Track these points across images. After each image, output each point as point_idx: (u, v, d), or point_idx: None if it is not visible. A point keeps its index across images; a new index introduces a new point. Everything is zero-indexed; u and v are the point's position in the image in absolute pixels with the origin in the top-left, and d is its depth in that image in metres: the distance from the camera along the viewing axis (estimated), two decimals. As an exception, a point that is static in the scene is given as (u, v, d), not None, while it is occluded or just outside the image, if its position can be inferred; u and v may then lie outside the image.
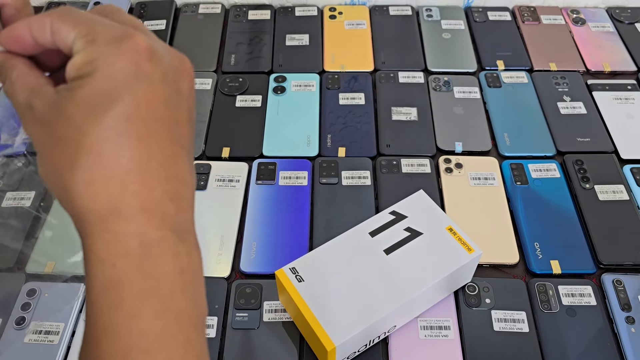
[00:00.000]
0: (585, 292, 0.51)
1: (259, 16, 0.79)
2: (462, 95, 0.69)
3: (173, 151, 0.24)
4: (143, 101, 0.23)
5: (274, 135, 0.65)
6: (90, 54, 0.23)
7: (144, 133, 0.23)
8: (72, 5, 0.79)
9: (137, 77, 0.23)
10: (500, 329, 0.49)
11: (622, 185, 0.59)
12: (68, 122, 0.22)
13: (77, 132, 0.22)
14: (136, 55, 0.23)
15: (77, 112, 0.22)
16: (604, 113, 0.67)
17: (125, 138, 0.22)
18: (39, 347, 0.48)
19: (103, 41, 0.23)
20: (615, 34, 0.77)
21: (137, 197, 0.23)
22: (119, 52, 0.23)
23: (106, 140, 0.22)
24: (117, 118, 0.22)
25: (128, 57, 0.23)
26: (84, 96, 0.22)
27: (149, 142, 0.23)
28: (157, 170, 0.23)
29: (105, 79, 0.22)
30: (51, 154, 0.23)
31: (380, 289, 0.46)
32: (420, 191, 0.53)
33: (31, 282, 0.52)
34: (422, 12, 0.79)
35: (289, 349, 0.48)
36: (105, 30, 0.23)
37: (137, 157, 0.23)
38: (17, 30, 0.25)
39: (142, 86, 0.23)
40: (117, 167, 0.22)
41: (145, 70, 0.23)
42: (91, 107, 0.22)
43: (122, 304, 0.23)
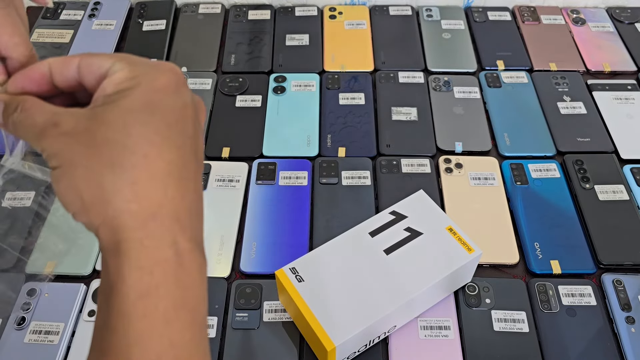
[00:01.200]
0: (585, 292, 0.51)
1: (259, 16, 0.79)
2: (462, 95, 0.69)
3: (196, 167, 0.25)
4: (180, 115, 0.24)
5: (274, 135, 0.65)
6: (133, 72, 0.24)
7: (180, 143, 0.24)
8: (72, 6, 0.80)
9: (177, 93, 0.25)
10: (500, 329, 0.49)
11: (622, 185, 0.59)
12: (110, 126, 0.23)
13: (120, 134, 0.23)
14: (175, 76, 0.25)
15: (120, 117, 0.23)
16: (604, 113, 0.67)
17: (167, 143, 0.23)
18: (39, 347, 0.48)
19: (143, 64, 0.25)
20: (615, 34, 0.77)
21: (173, 203, 0.23)
22: (161, 72, 0.25)
23: (150, 142, 0.23)
24: (160, 124, 0.24)
25: (168, 76, 0.25)
26: (128, 104, 0.23)
27: (184, 151, 0.24)
28: (188, 180, 0.24)
29: (149, 91, 0.24)
30: (86, 162, 0.23)
31: (380, 289, 0.45)
32: (420, 191, 0.52)
33: (31, 282, 0.52)
34: (422, 12, 0.79)
35: (289, 349, 0.48)
36: (141, 59, 0.25)
37: (176, 163, 0.24)
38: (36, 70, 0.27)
39: (180, 102, 0.25)
40: (159, 169, 0.23)
41: (182, 90, 0.25)
42: (136, 112, 0.23)
43: (158, 313, 0.23)
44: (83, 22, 0.78)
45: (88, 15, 0.78)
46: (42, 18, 0.78)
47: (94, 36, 0.76)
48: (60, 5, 0.80)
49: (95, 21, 0.78)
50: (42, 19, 0.78)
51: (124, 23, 0.78)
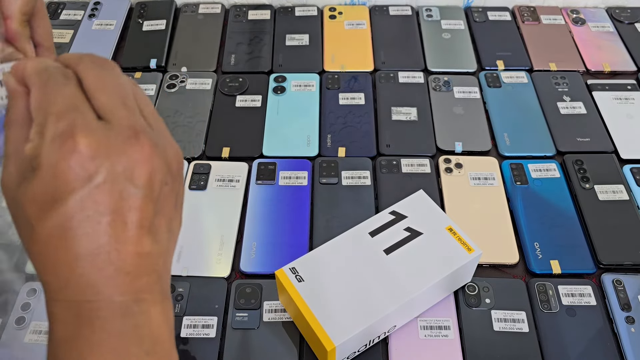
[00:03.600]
0: (585, 292, 0.51)
1: (259, 16, 0.79)
2: (462, 95, 0.69)
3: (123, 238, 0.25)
4: (88, 200, 0.24)
5: (273, 135, 0.65)
6: (36, 149, 0.24)
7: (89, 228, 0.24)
8: (72, 5, 0.80)
9: (79, 178, 0.23)
10: (500, 329, 0.49)
11: (622, 185, 0.59)
12: (20, 211, 0.24)
13: (27, 224, 0.24)
14: (78, 155, 0.23)
15: (27, 206, 0.24)
16: (604, 113, 0.67)
17: (71, 232, 0.24)
18: (39, 347, 0.48)
19: (49, 137, 0.23)
20: (615, 34, 0.77)
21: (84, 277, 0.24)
22: (61, 153, 0.23)
23: (51, 236, 0.24)
24: (62, 215, 0.23)
25: (69, 158, 0.23)
26: (33, 191, 0.24)
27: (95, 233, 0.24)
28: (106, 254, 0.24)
29: (49, 179, 0.23)
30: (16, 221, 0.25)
31: (380, 289, 0.46)
32: (420, 191, 0.53)
33: (31, 282, 0.52)
34: (422, 12, 0.79)
35: (289, 349, 0.48)
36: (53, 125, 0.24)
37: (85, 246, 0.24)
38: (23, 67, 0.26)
39: (86, 187, 0.23)
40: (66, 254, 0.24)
41: (88, 170, 0.23)
42: (38, 203, 0.24)
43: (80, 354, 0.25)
44: (83, 22, 0.78)
45: (88, 15, 0.79)
46: (42, 18, 0.78)
47: (94, 36, 0.76)
48: (60, 5, 0.80)
49: (95, 21, 0.78)
50: (42, 19, 0.78)
51: (124, 23, 0.78)
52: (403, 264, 0.47)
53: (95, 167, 0.23)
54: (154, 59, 0.73)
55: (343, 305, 0.44)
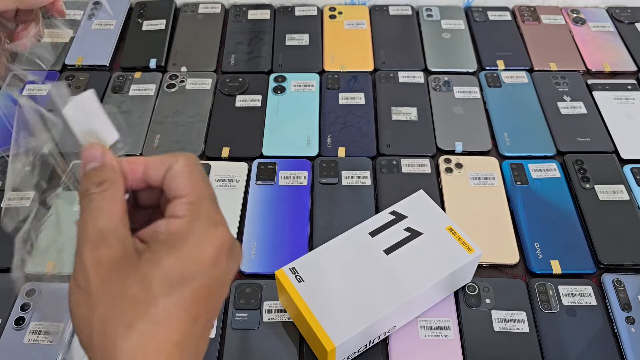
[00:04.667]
0: (586, 292, 0.51)
1: (258, 16, 0.79)
2: (462, 95, 0.69)
3: (208, 330, 0.26)
4: (210, 292, 0.25)
5: (273, 135, 0.65)
6: (187, 229, 0.25)
7: (198, 315, 0.25)
8: (72, 5, 0.79)
9: (216, 266, 0.25)
10: (500, 329, 0.49)
11: (622, 185, 0.59)
12: (143, 285, 0.24)
13: (149, 300, 0.24)
14: (221, 246, 0.26)
15: (156, 281, 0.24)
16: (604, 113, 0.67)
17: (185, 316, 0.24)
18: (39, 348, 0.48)
19: (203, 219, 0.25)
20: (615, 34, 0.76)
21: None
22: (210, 238, 0.25)
23: (170, 314, 0.24)
24: (187, 298, 0.24)
25: (215, 245, 0.25)
26: (167, 267, 0.24)
27: (200, 322, 0.25)
28: (194, 347, 0.25)
29: (191, 259, 0.25)
30: (108, 305, 0.24)
31: (380, 289, 0.45)
32: (420, 191, 0.52)
33: (31, 282, 0.52)
34: (422, 12, 0.79)
35: (289, 349, 0.48)
36: (208, 208, 0.26)
37: (189, 333, 0.25)
38: (133, 164, 0.28)
39: (215, 274, 0.25)
40: (170, 341, 0.24)
41: (221, 261, 0.26)
42: (170, 280, 0.24)
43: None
44: (83, 22, 0.78)
45: (88, 15, 0.78)
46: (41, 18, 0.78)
47: (93, 36, 0.76)
48: (59, 5, 0.80)
49: (95, 21, 0.78)
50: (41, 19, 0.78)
51: (124, 23, 0.78)
52: (403, 264, 0.47)
53: (226, 261, 0.26)
54: (153, 58, 0.73)
55: (343, 305, 0.44)
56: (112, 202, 0.26)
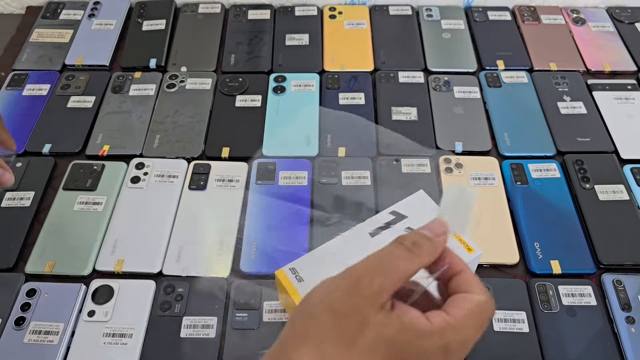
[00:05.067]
0: (586, 292, 0.51)
1: (258, 16, 0.79)
2: (462, 95, 0.69)
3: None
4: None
5: (273, 135, 0.65)
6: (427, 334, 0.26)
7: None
8: (72, 5, 0.79)
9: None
10: (500, 329, 0.49)
11: (622, 185, 0.59)
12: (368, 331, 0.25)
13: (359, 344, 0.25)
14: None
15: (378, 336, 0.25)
16: (604, 113, 0.67)
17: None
18: (39, 348, 0.48)
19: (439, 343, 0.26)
20: (615, 34, 0.76)
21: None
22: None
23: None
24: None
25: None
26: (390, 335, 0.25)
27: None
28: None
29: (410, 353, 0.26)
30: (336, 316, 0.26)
31: (380, 289, 0.45)
32: (420, 191, 0.52)
33: (31, 282, 0.52)
34: (422, 12, 0.79)
35: (288, 349, 0.48)
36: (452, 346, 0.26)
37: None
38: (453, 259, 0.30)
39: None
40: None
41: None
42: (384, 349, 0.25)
43: None
44: (83, 22, 0.78)
45: (88, 15, 0.78)
46: (41, 18, 0.78)
47: (93, 36, 0.76)
48: (59, 5, 0.80)
49: (95, 21, 0.78)
50: (41, 19, 0.78)
51: (124, 23, 0.78)
52: (403, 264, 0.47)
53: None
54: (153, 58, 0.73)
55: (343, 305, 0.44)
56: (407, 264, 0.28)
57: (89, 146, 0.64)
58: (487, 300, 0.28)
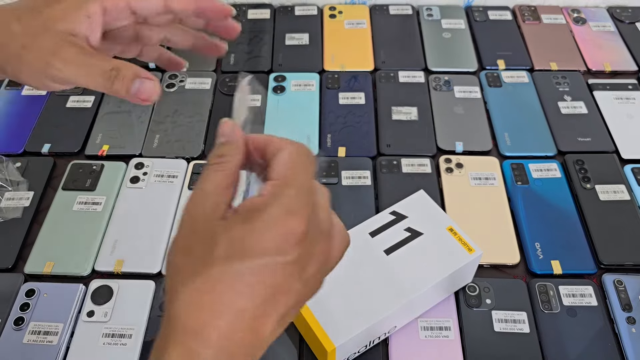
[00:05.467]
0: (586, 292, 0.51)
1: (258, 15, 0.79)
2: (462, 94, 0.69)
3: (268, 314, 0.26)
4: (276, 275, 0.26)
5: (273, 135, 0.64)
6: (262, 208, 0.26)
7: (260, 296, 0.26)
8: None
9: (279, 252, 0.26)
10: (500, 329, 0.49)
11: (623, 185, 0.59)
12: (208, 244, 0.26)
13: (208, 259, 0.25)
14: (286, 236, 0.26)
15: (220, 243, 0.25)
16: (605, 113, 0.67)
17: (244, 289, 0.25)
18: (38, 348, 0.48)
19: (280, 204, 0.26)
20: (616, 34, 0.76)
21: (220, 336, 0.25)
22: (278, 224, 0.26)
23: (225, 281, 0.25)
24: (245, 272, 0.25)
25: (280, 232, 0.26)
26: (234, 237, 0.26)
27: (263, 307, 0.26)
28: (246, 324, 0.26)
29: (255, 236, 0.25)
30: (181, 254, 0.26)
31: (381, 289, 0.45)
32: (420, 191, 0.52)
33: (30, 282, 0.52)
34: (422, 12, 0.79)
35: (289, 350, 0.48)
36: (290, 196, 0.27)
37: (243, 308, 0.25)
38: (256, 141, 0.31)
39: (279, 262, 0.26)
40: (226, 304, 0.25)
41: (287, 251, 0.26)
42: (233, 249, 0.25)
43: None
44: (82, 22, 0.77)
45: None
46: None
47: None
48: None
49: (95, 20, 0.77)
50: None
51: (124, 22, 0.78)
52: (403, 265, 0.47)
53: (293, 250, 0.26)
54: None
55: (343, 305, 0.44)
56: (223, 173, 0.28)
57: (88, 146, 0.64)
58: (297, 144, 0.30)
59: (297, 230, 0.26)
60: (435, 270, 0.47)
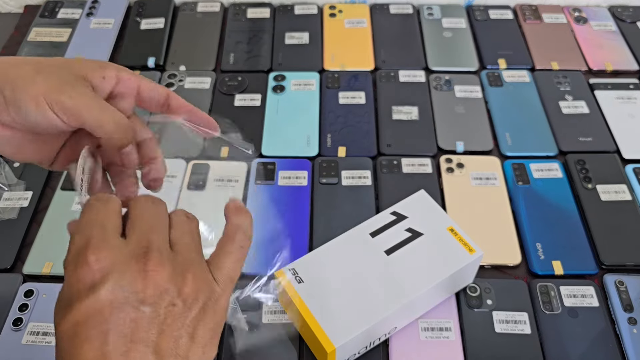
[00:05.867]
0: (587, 293, 0.51)
1: (258, 14, 0.79)
2: (463, 94, 0.69)
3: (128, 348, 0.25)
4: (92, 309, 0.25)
5: (273, 134, 0.64)
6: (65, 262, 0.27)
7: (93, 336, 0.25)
8: (70, 4, 0.79)
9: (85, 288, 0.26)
10: (501, 330, 0.49)
11: (625, 185, 0.59)
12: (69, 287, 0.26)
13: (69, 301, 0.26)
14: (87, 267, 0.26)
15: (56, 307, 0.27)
16: (606, 112, 0.67)
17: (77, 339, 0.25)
18: (37, 349, 0.48)
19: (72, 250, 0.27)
20: (617, 33, 0.76)
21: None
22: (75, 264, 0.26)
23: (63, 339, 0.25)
24: (70, 322, 0.25)
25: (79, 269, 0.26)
26: (61, 295, 0.27)
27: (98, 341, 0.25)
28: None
29: (66, 286, 0.26)
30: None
31: (381, 290, 0.45)
32: (421, 191, 0.52)
33: (29, 282, 0.52)
34: (423, 11, 0.79)
35: (288, 350, 0.48)
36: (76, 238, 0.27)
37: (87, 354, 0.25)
38: None
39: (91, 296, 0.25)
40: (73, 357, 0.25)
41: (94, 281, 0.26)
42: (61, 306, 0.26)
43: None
44: (81, 21, 0.77)
45: (86, 13, 0.78)
46: (39, 17, 0.78)
47: (92, 35, 0.76)
48: (58, 3, 0.79)
49: (94, 20, 0.77)
50: (40, 18, 0.78)
51: (122, 21, 0.78)
52: (404, 265, 0.47)
53: (101, 279, 0.26)
54: (152, 57, 0.72)
55: (343, 306, 0.44)
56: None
57: (87, 146, 0.63)
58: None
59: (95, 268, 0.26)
60: (436, 271, 0.46)
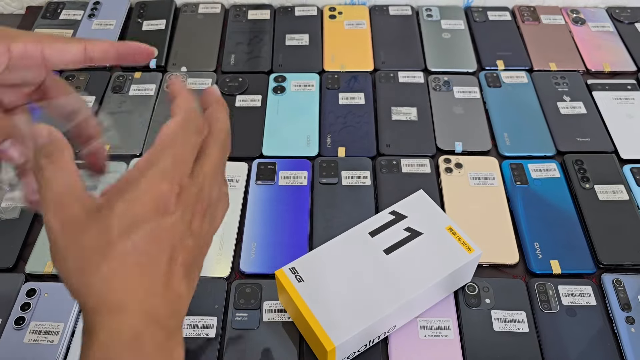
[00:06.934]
0: (585, 292, 0.51)
1: (258, 16, 0.79)
2: (462, 95, 0.69)
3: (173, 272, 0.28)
4: (160, 231, 0.27)
5: (273, 135, 0.65)
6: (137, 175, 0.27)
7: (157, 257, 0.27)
8: (72, 5, 0.79)
9: (160, 212, 0.27)
10: (500, 329, 0.49)
11: (622, 185, 0.59)
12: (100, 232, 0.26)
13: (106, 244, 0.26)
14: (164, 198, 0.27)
15: (111, 225, 0.26)
16: (604, 113, 0.67)
17: (145, 256, 0.26)
18: (39, 347, 0.48)
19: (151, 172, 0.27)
20: (615, 34, 0.76)
21: (140, 302, 0.26)
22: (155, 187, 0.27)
23: (132, 252, 0.26)
24: (144, 240, 0.26)
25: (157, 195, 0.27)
26: (120, 212, 0.26)
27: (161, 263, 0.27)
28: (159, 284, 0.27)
29: (137, 203, 0.26)
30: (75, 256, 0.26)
31: (380, 289, 0.45)
32: (420, 191, 0.52)
33: (31, 282, 0.52)
34: (422, 12, 0.79)
35: (288, 349, 0.48)
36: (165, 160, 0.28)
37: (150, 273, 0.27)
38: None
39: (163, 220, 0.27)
40: (136, 275, 0.26)
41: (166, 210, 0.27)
42: (124, 224, 0.26)
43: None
44: (83, 22, 0.78)
45: (88, 15, 0.78)
46: (41, 18, 0.78)
47: (93, 36, 0.76)
48: (59, 5, 0.80)
49: (95, 21, 0.78)
50: (41, 19, 0.78)
51: (124, 23, 0.78)
52: (403, 264, 0.47)
53: (174, 208, 0.27)
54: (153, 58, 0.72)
55: (343, 305, 0.44)
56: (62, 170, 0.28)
57: (88, 146, 0.64)
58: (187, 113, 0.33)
59: (170, 193, 0.27)
60: (435, 270, 0.47)
